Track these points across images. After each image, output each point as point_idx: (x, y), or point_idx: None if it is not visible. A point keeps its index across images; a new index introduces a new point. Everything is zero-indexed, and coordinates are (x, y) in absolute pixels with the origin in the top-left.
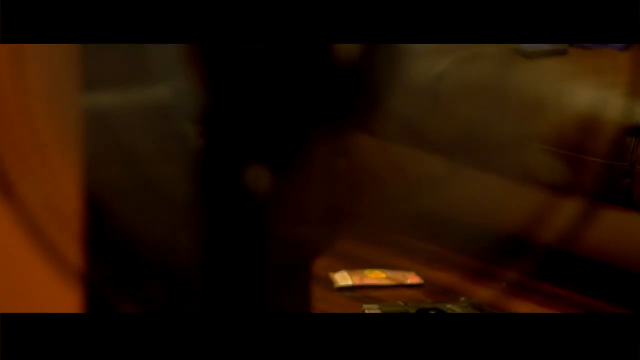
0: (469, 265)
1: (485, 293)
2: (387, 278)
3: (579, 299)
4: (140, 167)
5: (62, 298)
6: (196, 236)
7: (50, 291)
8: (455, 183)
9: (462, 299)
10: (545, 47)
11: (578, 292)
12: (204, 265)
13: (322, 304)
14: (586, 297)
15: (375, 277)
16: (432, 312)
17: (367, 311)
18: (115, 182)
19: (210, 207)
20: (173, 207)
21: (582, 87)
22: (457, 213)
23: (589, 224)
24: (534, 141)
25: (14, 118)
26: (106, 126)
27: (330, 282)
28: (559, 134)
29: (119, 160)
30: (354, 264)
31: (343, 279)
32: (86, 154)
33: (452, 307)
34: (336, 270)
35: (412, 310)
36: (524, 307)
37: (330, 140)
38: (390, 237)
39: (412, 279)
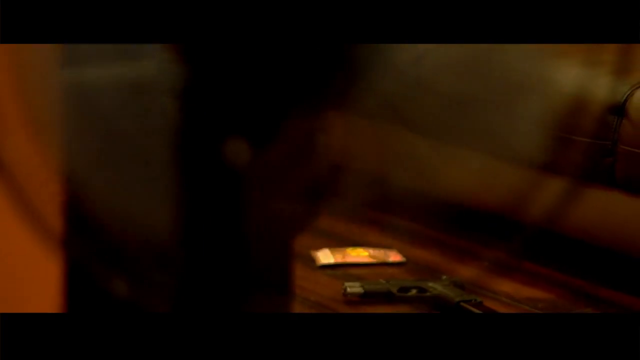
0: (452, 243)
1: (467, 272)
2: (370, 256)
3: (562, 278)
4: (120, 141)
5: (44, 267)
6: (176, 209)
7: (33, 260)
8: (438, 161)
9: (444, 277)
10: None
11: (560, 271)
12: (184, 239)
13: (304, 282)
14: (568, 276)
15: (358, 255)
16: (414, 290)
17: (349, 289)
18: (96, 156)
19: (190, 180)
20: (153, 181)
21: (566, 65)
22: (440, 191)
23: (572, 203)
24: (517, 119)
25: (1, 97)
26: (88, 101)
27: (312, 260)
28: (542, 112)
29: (101, 135)
30: (336, 242)
31: (325, 257)
32: (69, 128)
33: (434, 286)
34: (318, 248)
35: (394, 289)
36: (506, 286)
37: (309, 115)
38: (372, 215)
39: (395, 257)
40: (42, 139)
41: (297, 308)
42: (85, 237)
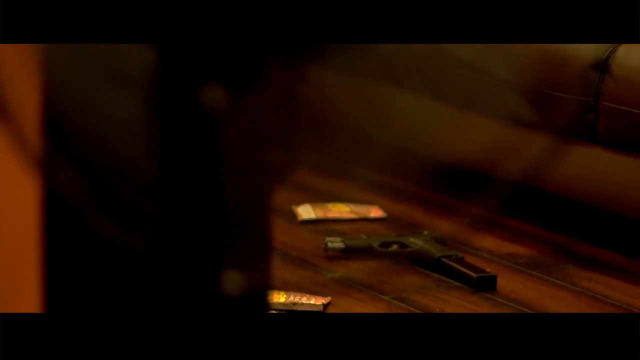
0: (434, 199)
1: (449, 227)
2: (351, 212)
3: (543, 235)
4: (99, 88)
5: (22, 186)
6: (154, 155)
7: (12, 180)
8: (421, 118)
9: (426, 232)
10: None
11: (542, 228)
12: (160, 187)
13: (285, 237)
14: (550, 233)
15: (339, 210)
16: (395, 245)
17: (330, 245)
18: (76, 103)
19: (168, 126)
20: (132, 126)
21: None
22: (423, 147)
23: (554, 159)
24: (498, 76)
25: None
26: (67, 50)
27: (293, 216)
28: (525, 69)
29: (80, 82)
30: (318, 198)
31: (306, 212)
32: (47, 75)
33: (415, 241)
34: (299, 203)
35: (376, 244)
36: (487, 242)
37: (290, 66)
38: (354, 171)
39: (376, 212)
40: (24, 63)
41: (278, 263)
42: (65, 161)
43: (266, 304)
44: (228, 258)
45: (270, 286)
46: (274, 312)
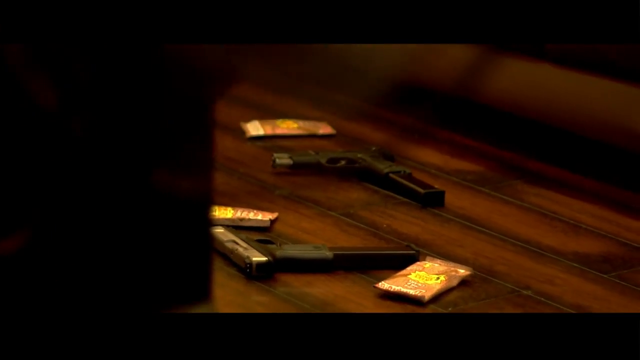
0: (382, 116)
1: (397, 143)
2: (299, 128)
3: (491, 151)
4: None
5: None
6: (92, 58)
7: None
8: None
9: (373, 148)
10: None
11: (489, 144)
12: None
13: (233, 153)
14: (497, 149)
15: (287, 127)
16: (343, 161)
17: (277, 161)
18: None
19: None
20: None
21: None
22: (369, 63)
23: (494, 72)
24: None
25: None
26: None
27: (241, 132)
28: None
29: None
30: (266, 114)
31: (255, 128)
32: None
33: (363, 157)
34: (248, 120)
35: (323, 160)
36: (435, 158)
37: None
38: (302, 88)
39: (324, 129)
40: None
41: (225, 179)
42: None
43: (207, 213)
44: (163, 161)
45: (212, 195)
46: (220, 228)
